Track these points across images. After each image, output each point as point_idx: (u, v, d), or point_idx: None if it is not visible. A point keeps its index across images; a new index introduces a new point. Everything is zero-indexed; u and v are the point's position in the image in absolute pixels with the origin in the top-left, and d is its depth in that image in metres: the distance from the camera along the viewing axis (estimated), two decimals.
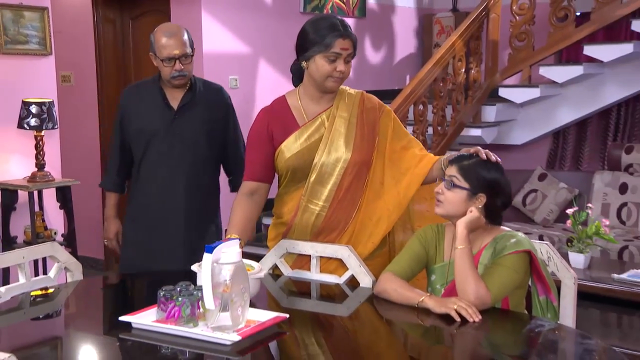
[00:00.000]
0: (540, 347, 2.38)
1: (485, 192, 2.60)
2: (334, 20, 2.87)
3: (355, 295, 2.79)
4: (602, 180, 6.20)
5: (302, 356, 2.28)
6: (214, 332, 2.23)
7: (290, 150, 2.90)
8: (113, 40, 6.54)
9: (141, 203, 3.48)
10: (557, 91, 6.65)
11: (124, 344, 2.29)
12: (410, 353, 2.44)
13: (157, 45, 3.34)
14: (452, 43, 6.19)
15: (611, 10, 6.21)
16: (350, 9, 7.09)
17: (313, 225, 2.94)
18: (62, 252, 2.99)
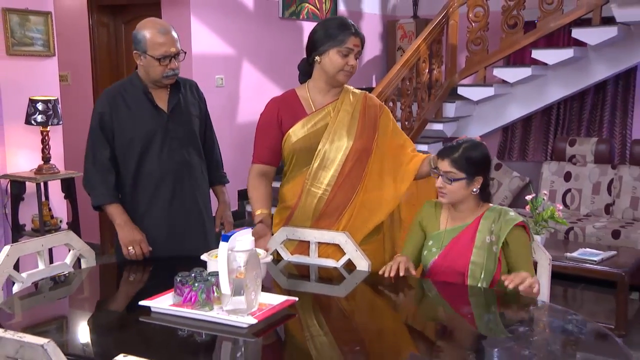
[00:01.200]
0: (530, 323, 2.32)
1: (481, 174, 2.62)
2: (346, 20, 2.84)
3: (352, 277, 2.71)
4: (550, 170, 6.23)
5: (306, 336, 2.18)
6: (230, 315, 2.14)
7: (296, 135, 2.85)
8: (107, 43, 6.37)
9: (146, 201, 2.98)
10: (507, 90, 6.65)
11: (144, 327, 2.18)
12: (404, 330, 2.33)
13: (151, 43, 2.86)
14: (417, 46, 6.18)
15: (554, 20, 6.26)
16: (324, 14, 6.97)
17: (315, 209, 2.86)
18: (77, 240, 2.88)
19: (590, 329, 2.18)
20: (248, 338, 2.04)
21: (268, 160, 2.94)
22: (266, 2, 6.32)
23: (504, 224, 2.60)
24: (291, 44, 6.65)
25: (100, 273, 2.99)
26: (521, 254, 2.60)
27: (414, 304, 2.61)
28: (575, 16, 6.19)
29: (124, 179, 3.00)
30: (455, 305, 2.49)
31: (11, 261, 2.56)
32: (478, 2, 6.51)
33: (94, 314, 2.42)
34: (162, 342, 2.10)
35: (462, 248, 2.64)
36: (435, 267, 2.66)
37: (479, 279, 2.58)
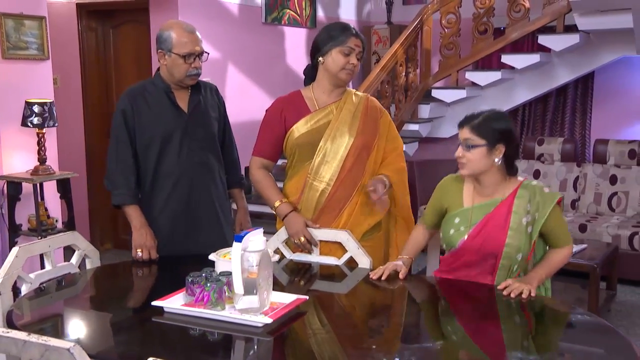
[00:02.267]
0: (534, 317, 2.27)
1: (503, 142, 2.39)
2: (346, 24, 2.84)
3: (354, 274, 2.63)
4: (520, 167, 6.22)
5: (319, 334, 2.09)
6: (243, 314, 2.05)
7: (299, 131, 2.81)
8: (95, 47, 6.20)
9: (163, 200, 2.88)
10: (478, 92, 6.64)
11: (159, 327, 2.08)
12: (404, 326, 2.22)
13: (177, 41, 2.77)
14: (394, 51, 6.15)
15: (521, 27, 6.29)
16: (304, 20, 6.90)
17: (317, 202, 2.80)
18: (82, 241, 2.76)
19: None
20: (263, 337, 1.96)
21: (269, 155, 2.89)
22: (250, 8, 6.22)
23: (542, 204, 2.40)
24: (273, 48, 6.57)
25: (107, 273, 2.87)
26: (558, 227, 2.47)
27: (419, 300, 2.53)
28: (540, 24, 6.25)
29: (143, 178, 2.90)
30: (457, 303, 2.43)
31: (20, 262, 2.43)
32: (450, 10, 6.50)
33: (108, 315, 2.30)
34: (179, 343, 2.01)
35: (495, 229, 2.42)
36: (464, 248, 2.46)
37: (514, 260, 2.42)
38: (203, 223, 2.94)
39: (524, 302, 2.25)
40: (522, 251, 2.42)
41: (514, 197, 2.42)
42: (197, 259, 2.58)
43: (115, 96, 6.20)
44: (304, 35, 6.96)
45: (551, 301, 2.49)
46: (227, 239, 2.98)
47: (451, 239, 2.50)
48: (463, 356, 1.96)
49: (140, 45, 5.90)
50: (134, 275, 2.79)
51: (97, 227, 6.20)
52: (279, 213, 2.79)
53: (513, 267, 2.45)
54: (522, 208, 2.40)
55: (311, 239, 2.72)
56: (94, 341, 2.02)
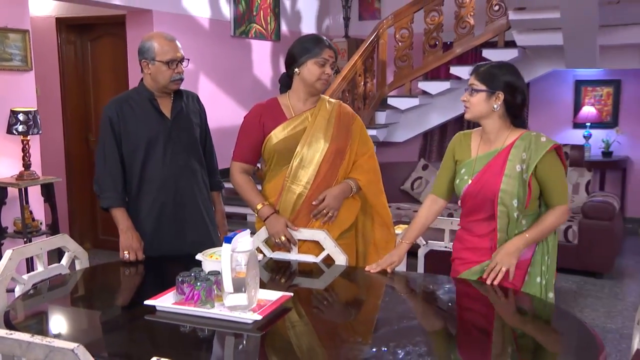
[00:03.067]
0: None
1: (503, 90, 2.38)
2: (319, 36, 2.77)
3: (332, 271, 2.60)
4: None
5: (306, 328, 2.07)
6: (232, 311, 2.00)
7: (277, 137, 2.75)
8: (74, 59, 6.05)
9: (150, 203, 2.80)
10: (429, 100, 6.68)
11: (153, 325, 2.01)
12: (378, 319, 2.19)
13: (160, 49, 2.73)
14: (354, 62, 6.15)
15: (467, 42, 6.37)
16: (269, 34, 6.84)
17: (295, 204, 2.75)
18: (71, 243, 2.66)
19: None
20: (254, 333, 1.91)
21: (249, 160, 2.83)
22: (219, 22, 6.14)
23: (534, 151, 2.37)
24: (241, 59, 6.51)
25: (97, 274, 2.76)
26: (551, 180, 2.40)
27: (395, 294, 2.48)
28: (484, 39, 6.34)
29: (130, 181, 2.82)
30: (428, 293, 2.42)
31: (13, 264, 2.34)
32: (403, 25, 6.53)
33: (102, 314, 2.22)
34: (173, 340, 1.95)
35: (492, 175, 2.41)
36: (467, 194, 2.46)
37: (510, 206, 2.39)
38: (188, 223, 2.87)
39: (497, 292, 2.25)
40: (517, 197, 2.38)
41: (512, 146, 2.42)
42: (184, 259, 2.52)
43: (92, 105, 6.06)
44: (269, 47, 6.91)
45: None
46: (213, 238, 2.93)
47: (458, 188, 2.52)
48: (435, 347, 1.95)
49: (116, 57, 5.77)
50: (124, 275, 2.70)
51: (77, 228, 6.05)
52: (261, 215, 2.74)
53: (512, 214, 2.40)
54: (517, 156, 2.40)
55: (291, 238, 2.69)
56: (92, 340, 1.94)
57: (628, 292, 5.06)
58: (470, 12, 6.31)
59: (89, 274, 2.64)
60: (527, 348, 1.92)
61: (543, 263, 2.48)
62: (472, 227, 2.52)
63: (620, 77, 7.06)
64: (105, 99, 5.92)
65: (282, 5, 7.09)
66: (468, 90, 2.44)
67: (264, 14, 6.76)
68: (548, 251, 2.50)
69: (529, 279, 2.47)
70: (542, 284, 2.48)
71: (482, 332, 2.04)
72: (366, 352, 1.73)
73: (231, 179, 2.84)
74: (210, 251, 2.36)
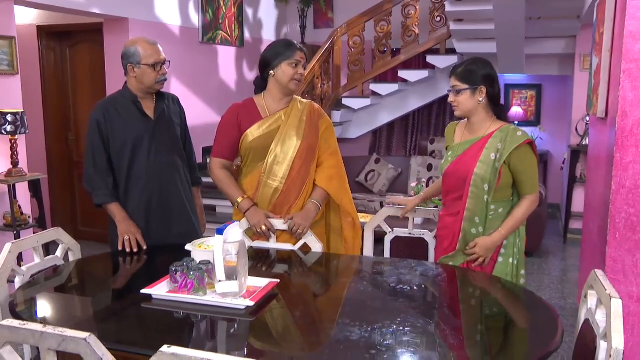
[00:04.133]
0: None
1: (483, 83, 2.43)
2: (290, 40, 2.73)
3: (309, 257, 2.58)
4: (416, 162, 6.33)
5: (293, 310, 2.02)
6: (225, 298, 1.96)
7: (253, 135, 2.69)
8: (54, 64, 5.81)
9: (137, 198, 2.72)
10: (380, 101, 6.71)
11: (151, 313, 1.95)
12: (359, 300, 2.15)
13: (145, 53, 2.66)
14: (312, 67, 6.10)
15: (413, 48, 6.41)
16: (234, 40, 6.73)
17: (271, 198, 2.70)
18: (65, 236, 2.56)
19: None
20: (247, 318, 1.86)
21: (227, 156, 2.76)
22: (189, 30, 6.01)
23: (509, 143, 2.40)
24: (209, 64, 6.39)
25: (91, 264, 2.66)
26: (522, 171, 2.43)
27: (372, 277, 2.45)
28: (428, 46, 6.41)
29: (118, 180, 2.73)
30: (402, 277, 2.41)
31: (13, 257, 2.24)
32: (356, 33, 6.53)
33: (101, 302, 2.14)
34: (172, 326, 1.89)
35: (469, 159, 2.45)
36: (447, 173, 2.53)
37: (481, 189, 2.43)
38: (174, 215, 2.80)
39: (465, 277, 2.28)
40: (487, 181, 2.42)
41: (491, 136, 2.47)
42: (172, 249, 2.44)
43: (72, 106, 5.86)
44: (233, 53, 6.81)
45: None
46: (197, 229, 2.87)
47: (442, 167, 2.58)
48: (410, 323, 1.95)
49: (94, 62, 5.59)
50: (116, 265, 2.61)
51: (58, 220, 5.84)
52: (241, 207, 2.68)
53: (482, 197, 2.44)
54: (493, 146, 2.44)
55: (271, 228, 2.65)
56: (96, 328, 1.86)
57: (552, 268, 5.22)
58: (415, 23, 6.36)
59: (83, 265, 2.54)
60: (498, 325, 1.95)
61: (515, 246, 2.55)
62: (448, 205, 2.61)
63: (541, 82, 7.27)
64: (84, 101, 5.76)
65: (245, 14, 7.00)
66: (452, 91, 2.46)
67: (229, 22, 6.64)
68: (519, 235, 2.57)
69: (503, 260, 2.53)
70: (514, 264, 2.56)
71: (462, 311, 2.06)
72: (354, 333, 1.71)
73: (211, 174, 2.78)
74: (199, 241, 2.31)
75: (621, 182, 2.69)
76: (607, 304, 1.65)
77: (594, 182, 3.45)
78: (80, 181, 5.90)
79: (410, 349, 1.64)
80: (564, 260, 5.46)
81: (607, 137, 2.99)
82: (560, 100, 7.20)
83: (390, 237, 2.88)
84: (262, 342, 1.78)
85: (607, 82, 2.98)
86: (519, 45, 5.64)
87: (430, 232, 2.83)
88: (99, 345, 1.41)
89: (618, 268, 2.75)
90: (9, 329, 1.48)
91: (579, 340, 1.88)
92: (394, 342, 1.67)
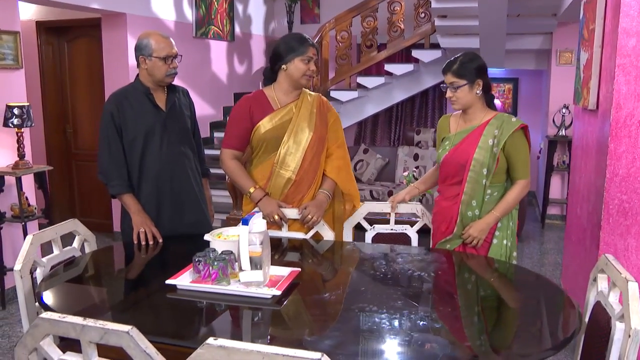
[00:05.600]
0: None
1: (479, 77, 2.43)
2: (303, 35, 2.63)
3: (321, 245, 2.53)
4: (403, 152, 6.33)
5: (315, 297, 1.95)
6: (249, 287, 1.91)
7: (265, 127, 2.63)
8: (52, 59, 5.65)
9: (149, 187, 2.65)
10: (366, 93, 6.67)
11: (178, 303, 1.89)
12: (369, 284, 2.10)
13: (157, 46, 2.57)
14: None
15: (399, 43, 6.37)
16: (225, 34, 6.63)
17: (284, 188, 2.65)
18: (81, 227, 2.48)
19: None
20: (274, 307, 1.81)
21: (239, 147, 2.69)
22: (183, 24, 5.89)
23: (505, 129, 2.41)
24: (202, 57, 6.28)
25: (109, 255, 2.58)
26: (515, 155, 2.44)
27: (381, 264, 2.38)
28: (413, 41, 6.38)
29: (131, 170, 2.65)
30: (403, 263, 2.38)
31: (34, 249, 2.16)
32: (343, 28, 6.47)
33: (126, 293, 2.07)
34: (201, 316, 1.84)
35: (467, 146, 2.46)
36: (445, 161, 2.52)
37: (480, 173, 2.43)
38: (185, 205, 2.73)
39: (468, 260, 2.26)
40: (486, 166, 2.44)
41: (487, 124, 2.47)
42: (187, 238, 2.37)
43: (69, 100, 5.71)
44: (225, 47, 6.70)
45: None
46: (207, 217, 2.81)
47: (439, 156, 2.57)
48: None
49: (91, 56, 5.45)
50: (134, 255, 2.53)
51: (57, 211, 5.70)
52: (253, 197, 2.62)
53: (481, 181, 2.45)
54: (490, 132, 2.45)
55: (283, 217, 2.60)
56: (128, 319, 1.77)
57: (534, 252, 5.27)
58: (401, 18, 6.33)
59: (101, 256, 2.47)
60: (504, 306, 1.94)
61: (508, 228, 2.55)
62: (444, 191, 2.60)
63: (518, 75, 7.31)
64: (82, 95, 5.62)
65: (235, 10, 6.89)
66: (450, 88, 2.44)
67: (220, 17, 6.53)
68: (512, 217, 2.57)
69: (497, 242, 2.53)
70: (507, 246, 2.56)
71: (470, 292, 2.05)
72: (383, 319, 1.68)
73: (223, 164, 2.71)
74: (218, 231, 2.26)
75: (615, 171, 2.70)
76: (624, 287, 1.65)
77: (581, 169, 3.48)
78: (78, 172, 5.76)
79: (440, 333, 1.62)
80: (543, 244, 5.52)
81: (598, 128, 3.01)
82: (535, 93, 7.25)
83: (371, 234, 2.75)
84: (294, 330, 1.73)
85: (598, 76, 2.99)
86: (501, 40, 5.65)
87: (411, 227, 2.74)
88: (141, 338, 1.36)
89: (610, 251, 2.77)
90: (49, 321, 1.42)
91: (590, 322, 1.88)
92: (429, 325, 1.65)
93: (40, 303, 1.87)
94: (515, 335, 1.71)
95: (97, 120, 5.50)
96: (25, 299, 2.08)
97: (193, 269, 2.03)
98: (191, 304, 1.89)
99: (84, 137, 5.69)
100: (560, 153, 6.05)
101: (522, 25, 6.04)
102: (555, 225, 6.14)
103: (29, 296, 2.09)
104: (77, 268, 2.28)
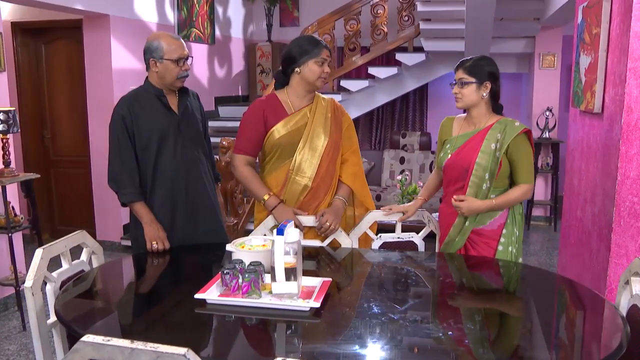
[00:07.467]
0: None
1: (489, 80, 2.41)
2: (315, 37, 2.57)
3: (338, 253, 2.46)
4: (389, 155, 6.31)
5: (350, 308, 1.88)
6: (282, 300, 1.83)
7: (280, 132, 2.54)
8: (28, 61, 5.43)
9: (163, 193, 2.54)
10: (350, 97, 6.63)
11: (209, 319, 1.79)
12: (383, 292, 2.06)
13: (168, 47, 2.47)
14: None
15: (382, 46, 6.36)
16: (206, 37, 6.50)
17: (300, 195, 2.56)
18: (89, 239, 2.35)
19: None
20: (312, 320, 1.73)
21: (252, 152, 2.60)
22: (165, 26, 5.74)
23: (508, 133, 2.39)
24: None
25: (120, 268, 2.45)
26: (519, 160, 2.41)
27: (401, 271, 2.35)
28: (396, 44, 6.39)
29: (144, 176, 2.53)
30: (429, 269, 2.35)
31: (45, 263, 2.03)
32: (326, 31, 6.41)
33: (151, 309, 1.95)
34: (241, 331, 1.74)
35: (470, 150, 2.43)
36: (447, 165, 2.48)
37: (482, 177, 2.40)
38: (200, 212, 2.62)
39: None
40: (489, 171, 2.41)
41: (490, 128, 2.45)
42: (213, 247, 2.25)
43: (47, 104, 5.49)
44: (206, 50, 6.57)
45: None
46: (222, 225, 2.71)
47: (441, 160, 2.53)
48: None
49: (71, 59, 5.25)
50: (152, 267, 2.40)
51: (46, 224, 5.49)
52: (268, 205, 2.53)
53: (482, 185, 2.41)
54: (493, 136, 2.42)
55: (299, 225, 2.52)
56: (163, 337, 1.68)
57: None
58: (384, 21, 6.32)
59: (114, 269, 2.34)
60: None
61: (513, 234, 2.51)
62: (448, 197, 2.54)
63: None
64: (60, 99, 5.40)
65: (215, 12, 6.77)
66: (457, 84, 2.42)
67: (201, 19, 6.41)
68: (517, 224, 2.53)
69: (503, 249, 2.49)
70: (513, 252, 2.52)
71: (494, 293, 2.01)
72: (424, 327, 1.63)
73: (235, 170, 2.61)
74: (239, 241, 2.17)
75: (626, 173, 2.72)
76: None
77: (580, 172, 3.50)
78: (57, 180, 5.54)
79: (475, 340, 1.57)
80: (529, 245, 5.58)
81: (602, 131, 3.03)
82: (515, 96, 7.34)
83: (378, 244, 2.68)
84: (342, 343, 1.62)
85: (604, 80, 3.01)
86: (487, 44, 5.70)
87: (417, 233, 2.70)
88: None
89: (622, 253, 2.79)
90: (93, 345, 1.30)
91: (630, 325, 1.87)
92: (472, 337, 1.60)
93: (61, 321, 1.75)
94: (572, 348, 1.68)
95: (77, 126, 5.32)
96: (36, 316, 1.95)
97: (221, 282, 1.94)
98: (226, 320, 1.79)
99: (63, 143, 5.48)
100: (544, 155, 6.14)
101: (505, 29, 6.11)
102: (540, 227, 6.22)
103: (41, 313, 1.96)
104: (92, 283, 2.15)
